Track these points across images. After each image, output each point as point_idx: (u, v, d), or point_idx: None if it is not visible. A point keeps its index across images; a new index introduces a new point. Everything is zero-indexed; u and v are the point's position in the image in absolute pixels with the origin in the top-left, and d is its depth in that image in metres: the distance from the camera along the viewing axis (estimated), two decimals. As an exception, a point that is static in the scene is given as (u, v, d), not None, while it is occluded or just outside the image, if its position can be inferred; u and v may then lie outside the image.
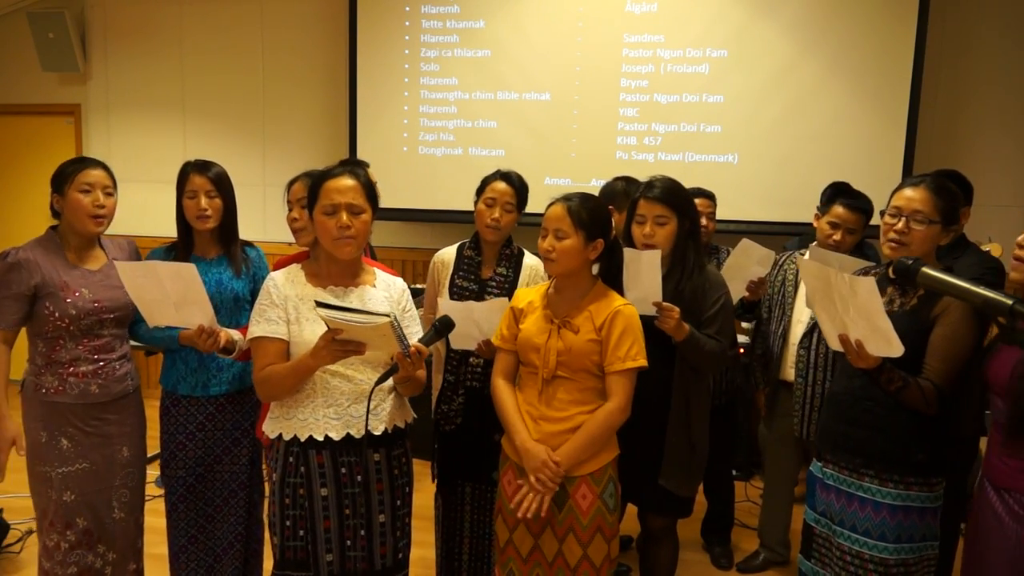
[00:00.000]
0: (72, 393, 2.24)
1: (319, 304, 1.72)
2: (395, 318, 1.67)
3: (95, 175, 2.27)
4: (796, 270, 2.92)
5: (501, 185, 2.49)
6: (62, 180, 2.25)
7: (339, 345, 1.75)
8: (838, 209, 2.78)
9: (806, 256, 2.90)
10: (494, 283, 2.49)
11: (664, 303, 2.14)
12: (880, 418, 1.95)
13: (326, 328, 1.76)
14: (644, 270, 2.13)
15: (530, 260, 2.56)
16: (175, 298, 2.10)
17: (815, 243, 2.90)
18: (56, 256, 2.25)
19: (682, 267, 2.26)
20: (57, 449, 2.24)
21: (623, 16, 4.37)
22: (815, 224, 2.90)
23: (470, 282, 2.50)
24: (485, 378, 2.44)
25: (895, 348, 1.74)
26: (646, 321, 2.10)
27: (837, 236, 2.78)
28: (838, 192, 2.84)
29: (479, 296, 2.45)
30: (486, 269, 2.53)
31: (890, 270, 2.02)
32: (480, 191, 2.53)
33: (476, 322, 2.28)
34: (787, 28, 4.20)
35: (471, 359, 2.47)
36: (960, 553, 2.69)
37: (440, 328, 1.91)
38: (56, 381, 2.23)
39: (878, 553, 1.94)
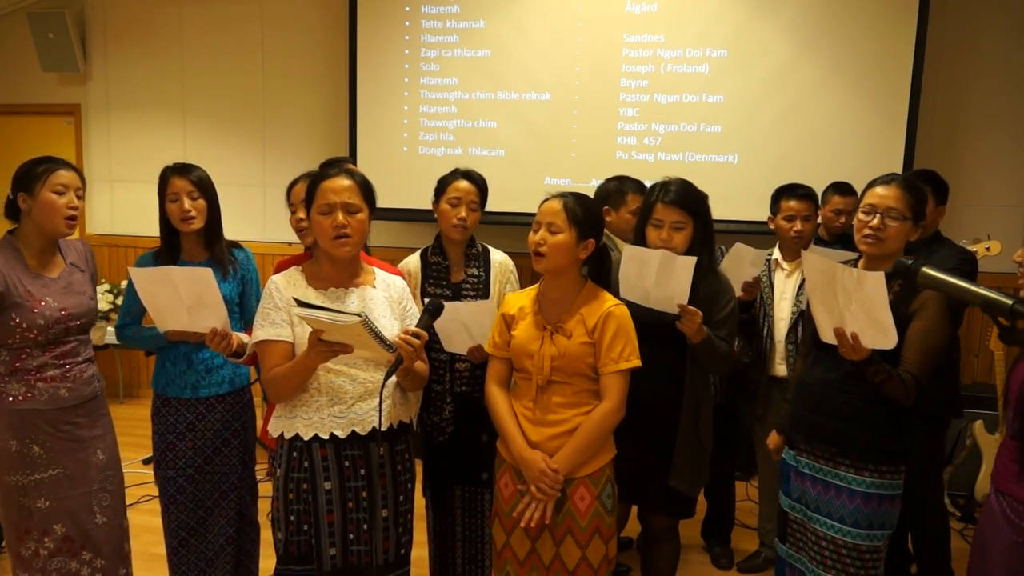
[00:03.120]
0: (41, 399, 2.17)
1: (297, 303, 1.74)
2: (366, 318, 1.67)
3: (68, 176, 2.20)
4: (769, 271, 3.03)
5: (464, 184, 2.45)
6: (31, 179, 2.16)
7: (326, 346, 1.76)
8: (788, 203, 2.94)
9: (775, 255, 3.03)
10: (468, 285, 2.46)
11: (689, 307, 2.13)
12: (857, 410, 2.02)
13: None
14: (678, 273, 2.11)
15: (497, 256, 2.54)
16: (188, 302, 2.09)
17: (779, 243, 3.03)
18: (17, 264, 2.16)
19: (696, 270, 2.25)
20: (28, 457, 2.17)
21: (623, 16, 4.37)
22: (772, 226, 3.01)
23: (442, 288, 2.46)
24: (474, 381, 2.43)
25: (890, 340, 1.80)
26: (661, 320, 2.11)
27: (797, 226, 2.91)
28: (785, 189, 3.00)
29: (455, 300, 2.41)
30: (456, 272, 2.49)
31: (859, 262, 2.13)
32: (440, 191, 2.48)
33: (464, 324, 2.26)
34: (787, 28, 4.20)
35: (457, 364, 2.44)
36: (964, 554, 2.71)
37: (433, 311, 1.91)
38: (24, 388, 2.16)
39: (852, 540, 2.02)
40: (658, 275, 2.13)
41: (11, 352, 2.15)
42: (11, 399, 2.16)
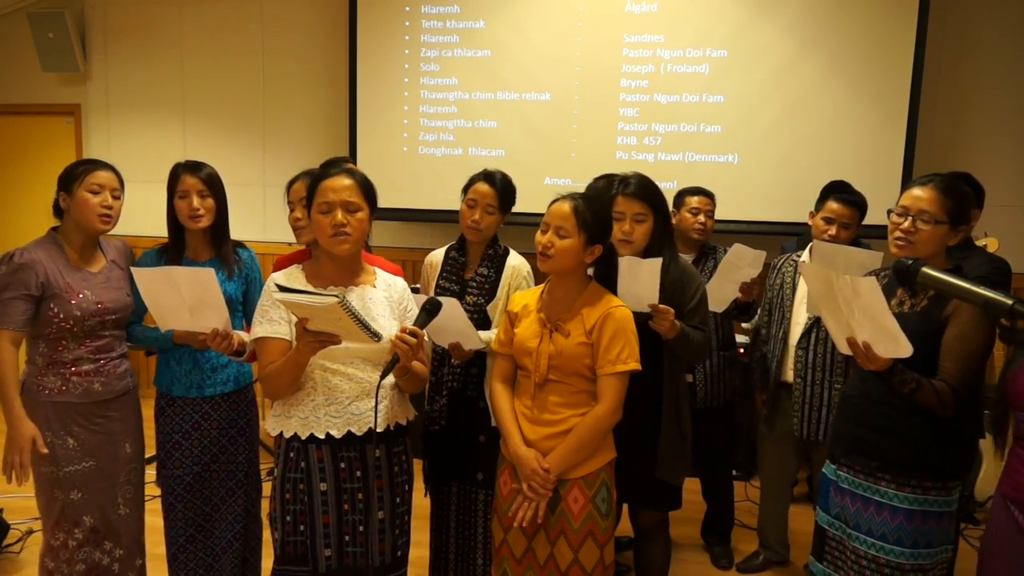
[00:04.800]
0: (76, 392, 2.26)
1: (279, 287, 1.74)
2: (344, 299, 1.66)
3: (105, 176, 2.30)
4: (793, 272, 2.94)
5: (483, 187, 2.47)
6: (71, 179, 2.27)
7: (312, 336, 1.76)
8: (832, 204, 2.82)
9: (803, 257, 2.93)
10: (474, 283, 2.48)
11: (660, 305, 2.15)
12: (895, 422, 1.93)
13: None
14: (644, 277, 2.13)
15: (514, 260, 2.54)
16: (191, 302, 2.11)
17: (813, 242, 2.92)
18: (58, 257, 2.27)
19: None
20: (64, 449, 2.25)
21: (623, 16, 4.37)
22: (810, 222, 2.93)
23: (452, 283, 2.50)
24: (466, 379, 2.47)
25: (903, 348, 1.72)
26: (636, 318, 2.11)
27: (832, 231, 2.81)
28: (832, 189, 2.89)
29: (460, 297, 2.44)
30: (469, 270, 2.52)
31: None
32: (464, 191, 2.51)
33: (443, 320, 2.24)
34: (787, 28, 4.20)
35: (452, 359, 2.46)
36: (962, 556, 2.69)
37: (431, 309, 1.90)
38: (59, 381, 2.25)
39: (895, 558, 1.92)
40: (625, 280, 2.13)
41: (49, 343, 2.25)
42: (47, 392, 2.24)
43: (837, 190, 2.87)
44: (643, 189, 2.28)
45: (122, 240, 2.51)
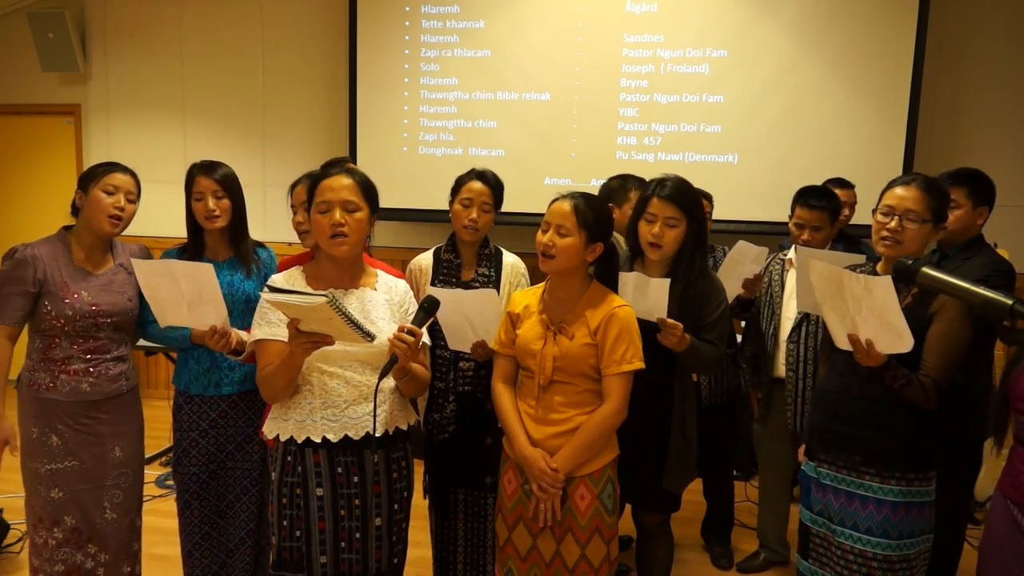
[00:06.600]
0: (63, 390, 2.26)
1: (269, 288, 1.73)
2: (333, 298, 1.63)
3: (121, 179, 2.31)
4: (781, 270, 2.97)
5: (477, 185, 2.45)
6: (89, 179, 2.28)
7: (305, 336, 1.74)
8: (800, 211, 2.88)
9: (789, 255, 2.97)
10: (477, 284, 2.46)
11: (668, 320, 2.10)
12: (878, 416, 1.95)
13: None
14: (652, 295, 2.11)
15: (510, 258, 2.54)
16: (189, 298, 2.10)
17: (793, 245, 2.97)
18: (61, 256, 2.28)
19: (688, 273, 2.22)
20: (47, 446, 2.26)
21: (623, 16, 4.37)
22: (790, 225, 2.97)
23: (451, 285, 2.46)
24: (477, 381, 2.43)
25: (906, 343, 1.75)
26: (646, 326, 2.11)
27: (805, 235, 2.85)
28: (801, 194, 2.93)
29: None
30: (467, 271, 2.50)
31: (877, 266, 2.08)
32: (455, 191, 2.49)
33: (467, 317, 2.24)
34: (787, 28, 4.20)
35: (460, 363, 2.43)
36: (963, 555, 2.68)
37: (428, 308, 1.88)
38: (48, 378, 2.26)
39: (881, 551, 1.94)
40: (634, 295, 2.12)
41: (43, 340, 2.27)
42: (36, 387, 2.27)
43: (806, 195, 2.90)
44: (678, 193, 2.20)
45: (141, 245, 2.50)
